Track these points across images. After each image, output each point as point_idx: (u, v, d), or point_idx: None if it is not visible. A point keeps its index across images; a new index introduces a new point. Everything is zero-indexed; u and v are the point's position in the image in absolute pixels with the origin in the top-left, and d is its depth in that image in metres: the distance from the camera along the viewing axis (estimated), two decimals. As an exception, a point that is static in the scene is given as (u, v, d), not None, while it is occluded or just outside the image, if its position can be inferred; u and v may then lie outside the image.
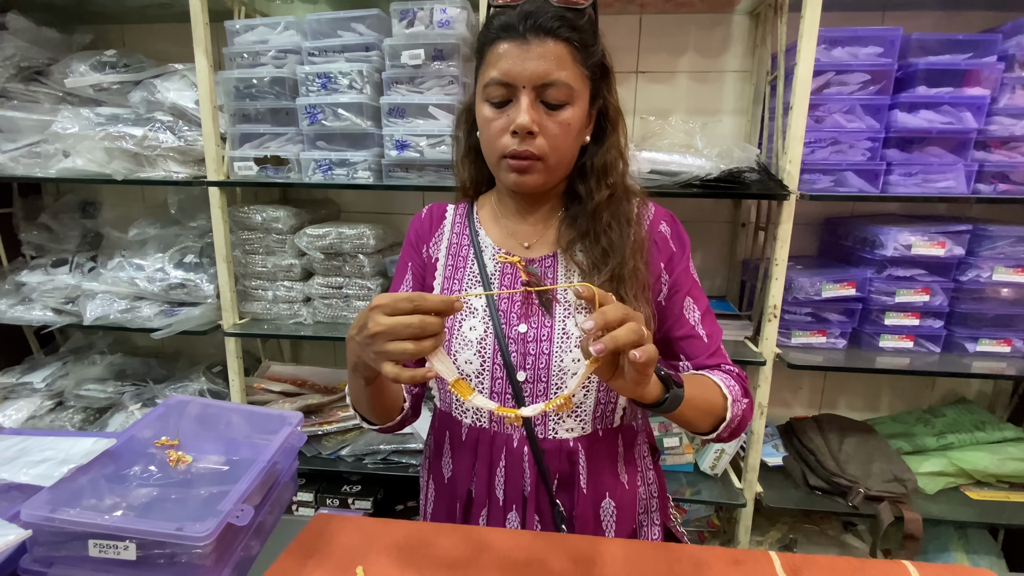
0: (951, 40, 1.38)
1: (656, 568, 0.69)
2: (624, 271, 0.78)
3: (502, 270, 0.84)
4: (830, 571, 0.69)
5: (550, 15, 0.71)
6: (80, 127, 1.52)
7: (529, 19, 0.71)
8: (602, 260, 0.79)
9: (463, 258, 0.87)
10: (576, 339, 0.78)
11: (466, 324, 0.81)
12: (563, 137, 0.75)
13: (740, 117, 1.71)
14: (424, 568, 0.68)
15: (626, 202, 0.83)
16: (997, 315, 1.49)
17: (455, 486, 0.85)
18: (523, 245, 0.85)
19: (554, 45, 0.71)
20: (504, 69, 0.72)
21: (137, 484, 0.71)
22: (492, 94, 0.74)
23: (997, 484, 1.58)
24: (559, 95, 0.73)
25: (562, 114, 0.74)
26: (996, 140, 1.40)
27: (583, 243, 0.81)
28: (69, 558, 0.62)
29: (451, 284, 0.86)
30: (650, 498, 0.89)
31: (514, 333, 0.79)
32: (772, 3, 1.50)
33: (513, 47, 0.72)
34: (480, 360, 0.80)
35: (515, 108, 0.73)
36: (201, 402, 0.86)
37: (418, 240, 0.91)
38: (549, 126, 0.74)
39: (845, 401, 1.86)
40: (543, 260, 0.84)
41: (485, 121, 0.77)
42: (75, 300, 1.69)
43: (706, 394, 0.76)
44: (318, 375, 1.81)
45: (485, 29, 0.77)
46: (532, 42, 0.71)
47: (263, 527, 0.76)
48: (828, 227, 1.75)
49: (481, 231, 0.88)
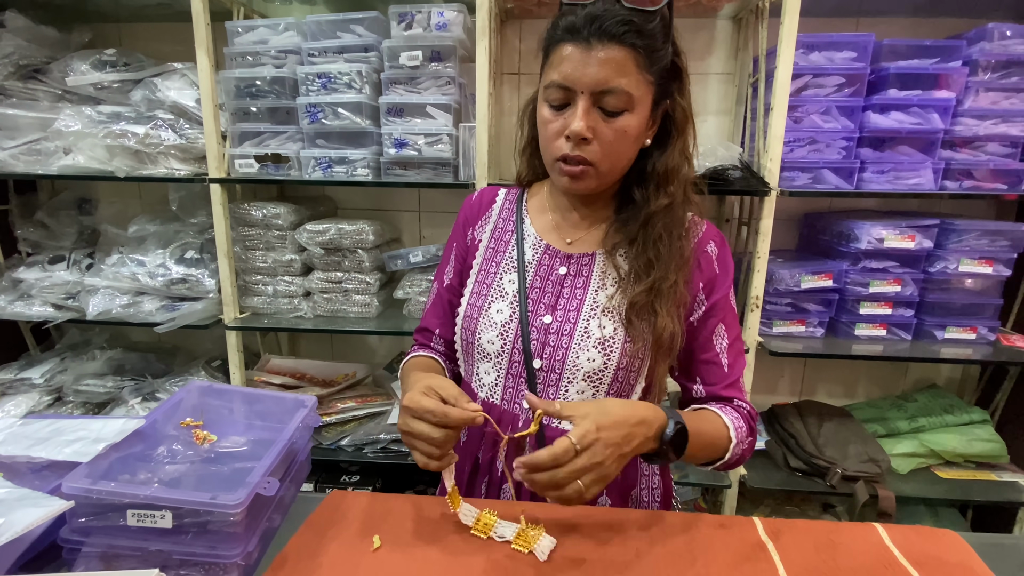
0: (920, 46, 1.47)
1: (648, 531, 0.75)
2: (664, 285, 0.77)
3: (539, 260, 0.86)
4: (807, 533, 0.76)
5: (617, 20, 0.70)
6: (82, 125, 1.55)
7: (595, 23, 0.70)
8: (645, 271, 0.79)
9: (505, 243, 0.89)
10: (595, 340, 0.80)
11: (494, 306, 0.84)
12: (617, 144, 0.75)
13: (724, 117, 1.79)
14: (438, 536, 0.73)
15: (682, 212, 0.81)
16: (964, 304, 1.58)
17: (464, 453, 0.90)
18: (566, 240, 0.86)
19: (617, 51, 0.70)
20: (564, 73, 0.72)
21: (166, 461, 0.75)
22: (551, 96, 0.75)
23: (965, 464, 1.68)
24: (617, 103, 0.72)
25: (619, 121, 0.74)
26: (961, 140, 1.49)
27: (630, 250, 0.81)
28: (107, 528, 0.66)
29: (488, 267, 0.88)
30: (652, 501, 0.91)
31: (539, 322, 0.82)
32: (754, 9, 1.58)
33: (576, 51, 0.71)
34: (501, 342, 0.83)
35: (572, 113, 0.73)
36: (220, 387, 0.91)
37: (466, 222, 0.93)
38: (604, 132, 0.74)
39: (824, 388, 1.95)
40: (582, 258, 0.85)
41: (543, 122, 0.77)
42: (75, 296, 1.72)
43: (710, 442, 0.78)
44: (317, 368, 1.85)
45: (552, 28, 0.76)
46: (595, 47, 0.70)
47: (283, 502, 0.81)
48: (807, 222, 1.83)
49: (527, 219, 0.89)
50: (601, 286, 0.83)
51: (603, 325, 0.80)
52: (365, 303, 1.68)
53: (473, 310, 0.86)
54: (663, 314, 0.77)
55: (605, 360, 0.80)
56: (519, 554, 0.69)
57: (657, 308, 0.78)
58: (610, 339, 0.80)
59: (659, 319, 0.78)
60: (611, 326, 0.80)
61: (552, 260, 0.86)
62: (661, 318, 0.77)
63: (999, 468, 1.67)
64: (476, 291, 0.88)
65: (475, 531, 0.72)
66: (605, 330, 0.80)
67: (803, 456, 1.62)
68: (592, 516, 0.78)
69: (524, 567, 0.67)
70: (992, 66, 1.44)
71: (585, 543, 0.72)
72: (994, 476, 1.64)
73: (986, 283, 1.57)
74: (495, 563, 0.68)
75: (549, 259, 0.86)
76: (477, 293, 0.87)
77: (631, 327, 0.79)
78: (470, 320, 0.86)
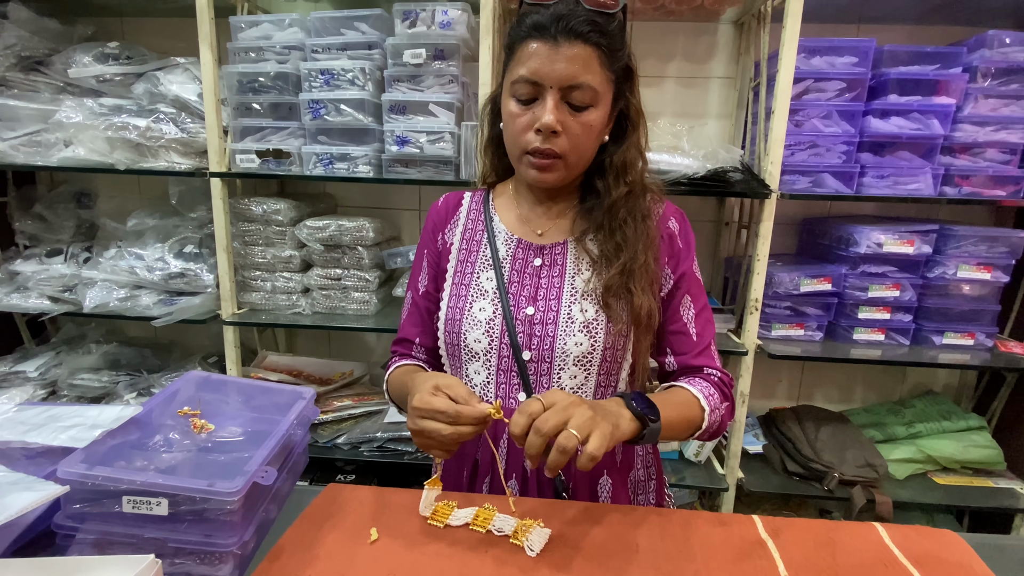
0: (920, 52, 1.48)
1: (648, 528, 0.74)
2: (635, 265, 0.81)
3: (513, 255, 0.88)
4: (807, 531, 0.75)
5: (581, 19, 0.73)
6: (84, 117, 1.54)
7: (561, 21, 0.73)
8: (615, 254, 0.82)
9: (477, 242, 0.90)
10: (580, 324, 0.82)
11: (476, 305, 0.85)
12: (584, 137, 0.78)
13: (725, 121, 1.80)
14: (436, 529, 0.73)
15: (642, 198, 0.85)
16: (962, 310, 1.59)
17: (463, 453, 0.90)
18: (536, 232, 0.88)
19: (583, 49, 0.74)
20: (533, 68, 0.75)
21: (163, 449, 0.75)
22: (519, 91, 0.77)
23: (961, 470, 1.68)
24: (584, 97, 0.76)
25: (585, 115, 0.77)
26: (961, 146, 1.50)
27: (597, 235, 0.84)
28: (102, 515, 0.65)
29: (463, 267, 0.90)
30: (648, 480, 0.93)
31: (522, 315, 0.83)
32: (755, 14, 1.59)
33: (543, 47, 0.74)
34: (488, 340, 0.84)
35: (541, 107, 0.76)
36: (218, 378, 0.90)
37: (434, 228, 0.94)
38: (572, 126, 0.77)
39: (821, 393, 1.95)
40: (554, 247, 0.87)
41: (510, 116, 0.79)
42: (72, 289, 1.71)
43: (684, 413, 0.79)
44: (314, 366, 1.84)
45: (517, 26, 0.78)
46: (562, 44, 0.73)
47: (280, 493, 0.80)
48: (806, 226, 1.84)
49: (496, 217, 0.91)
50: (577, 271, 0.85)
51: (585, 309, 0.82)
52: (364, 300, 1.68)
53: (455, 312, 0.86)
54: (638, 292, 0.80)
55: (592, 342, 0.82)
56: (518, 547, 0.69)
57: (632, 288, 0.80)
58: (593, 321, 0.82)
59: (635, 298, 0.80)
60: (592, 309, 0.82)
61: (526, 253, 0.87)
62: (637, 297, 0.80)
63: (995, 475, 1.67)
64: (455, 292, 0.88)
65: (474, 526, 0.72)
66: (587, 313, 0.82)
67: (800, 460, 1.62)
68: (591, 511, 0.78)
69: (523, 560, 0.67)
70: (992, 73, 1.45)
71: (584, 538, 0.71)
72: (991, 483, 1.64)
73: (984, 289, 1.58)
74: (494, 557, 0.67)
75: (523, 252, 0.87)
76: (456, 295, 0.88)
77: (609, 309, 0.81)
78: (453, 322, 0.86)
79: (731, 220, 1.82)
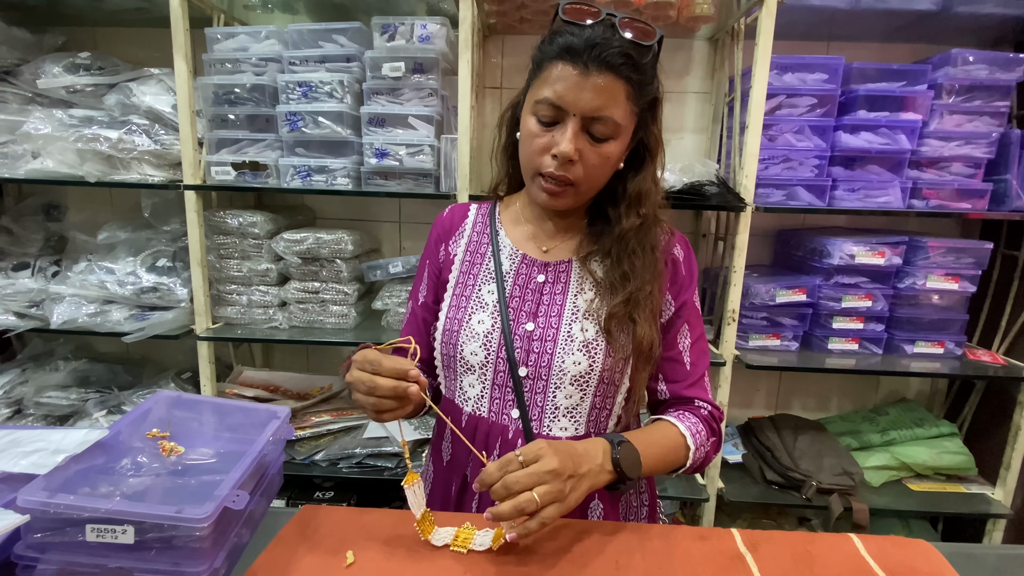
0: (888, 69, 1.53)
1: (628, 544, 0.74)
2: (640, 296, 0.80)
3: (517, 270, 0.86)
4: (784, 544, 0.76)
5: (616, 50, 0.71)
6: (53, 128, 1.51)
7: (595, 50, 0.71)
8: (621, 283, 0.81)
9: (481, 255, 0.89)
10: (579, 343, 0.81)
11: (475, 317, 0.84)
12: (600, 168, 0.77)
13: (701, 135, 1.83)
14: (413, 551, 0.71)
15: (654, 230, 0.83)
16: (931, 320, 1.63)
17: (452, 470, 0.89)
18: (542, 249, 0.88)
19: (613, 81, 0.72)
20: (559, 93, 0.73)
21: (130, 473, 0.72)
22: (541, 111, 0.75)
23: (935, 476, 1.71)
24: (605, 130, 0.74)
25: (604, 147, 0.76)
26: (927, 160, 1.55)
27: (604, 261, 0.83)
28: (64, 544, 0.63)
29: (466, 279, 0.89)
30: (640, 506, 0.92)
31: (521, 330, 0.82)
32: (729, 31, 1.62)
33: (572, 73, 0.72)
34: (485, 353, 0.83)
35: (561, 132, 0.74)
36: (189, 398, 0.88)
37: (438, 239, 0.94)
38: (589, 156, 0.76)
39: (798, 402, 1.98)
40: (559, 265, 0.86)
41: (529, 134, 0.78)
42: (39, 304, 1.66)
43: (666, 455, 0.80)
44: (291, 381, 1.81)
45: (548, 42, 0.76)
46: (592, 73, 0.71)
47: (253, 516, 0.78)
48: (781, 238, 1.87)
49: (502, 231, 0.90)
50: (580, 291, 0.84)
51: (585, 328, 0.81)
52: (342, 314, 1.66)
53: (453, 323, 0.85)
54: (642, 322, 0.80)
55: (591, 363, 0.80)
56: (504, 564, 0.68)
57: (635, 317, 0.80)
58: (593, 342, 0.81)
59: (638, 328, 0.80)
60: (593, 329, 0.81)
61: (530, 269, 0.86)
62: (640, 327, 0.79)
63: (968, 480, 1.70)
64: (455, 304, 0.87)
65: (455, 547, 0.71)
66: (588, 333, 0.81)
67: (779, 469, 1.64)
68: (573, 528, 0.77)
69: (503, 580, 0.66)
70: (956, 90, 1.50)
71: (565, 555, 0.71)
72: (963, 488, 1.67)
73: (952, 299, 1.62)
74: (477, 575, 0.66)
75: (527, 268, 0.87)
76: (456, 306, 0.87)
77: (611, 337, 0.80)
78: (451, 333, 0.85)
79: (708, 232, 1.84)
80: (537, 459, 0.66)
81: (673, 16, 1.54)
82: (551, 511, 0.65)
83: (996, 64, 1.48)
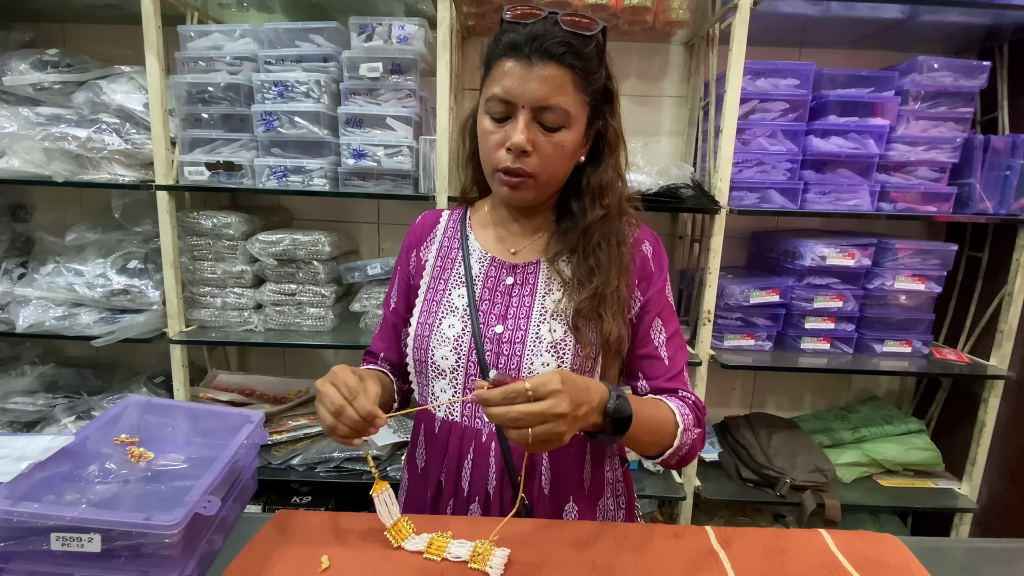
0: (857, 75, 1.57)
1: (604, 543, 0.75)
2: (607, 290, 0.80)
3: (486, 273, 0.87)
4: (757, 540, 0.78)
5: (556, 40, 0.73)
6: (19, 126, 1.46)
7: (536, 41, 0.73)
8: (587, 277, 0.81)
9: (451, 260, 0.90)
10: (547, 344, 0.81)
11: (445, 322, 0.85)
12: (555, 158, 0.79)
13: (677, 138, 1.85)
14: (390, 556, 0.71)
15: (618, 221, 0.85)
16: (899, 319, 1.67)
17: (427, 477, 0.88)
18: (510, 251, 0.89)
19: (556, 70, 0.74)
20: (506, 87, 0.75)
21: (97, 480, 0.71)
22: (493, 109, 0.78)
23: (904, 472, 1.76)
24: (555, 119, 0.76)
25: (557, 136, 0.77)
26: (895, 164, 1.59)
27: (571, 258, 0.84)
28: (29, 553, 0.61)
29: (437, 284, 0.89)
30: (617, 508, 0.92)
31: (491, 333, 0.83)
32: (705, 36, 1.65)
33: (517, 67, 0.74)
34: (456, 357, 0.83)
35: (513, 126, 0.76)
36: (160, 402, 0.86)
37: (409, 246, 0.95)
38: (543, 146, 0.77)
39: (773, 401, 2.02)
40: (527, 267, 0.87)
41: (484, 133, 0.80)
42: (5, 307, 1.61)
43: (658, 415, 0.78)
44: (267, 384, 1.79)
45: (494, 44, 0.79)
46: (536, 65, 0.74)
47: (225, 522, 0.77)
48: (755, 240, 1.91)
49: (471, 235, 0.91)
50: (548, 292, 0.85)
51: (553, 329, 0.82)
52: (320, 316, 1.64)
53: (424, 328, 0.86)
54: (608, 318, 0.80)
55: (559, 363, 0.81)
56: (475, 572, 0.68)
57: (602, 313, 0.80)
58: (561, 342, 0.81)
59: (604, 323, 0.80)
60: (561, 329, 0.82)
61: (499, 271, 0.87)
62: (607, 322, 0.80)
63: (935, 476, 1.75)
64: (426, 308, 0.88)
65: (428, 555, 0.71)
66: (556, 334, 0.82)
67: (754, 467, 1.67)
68: (549, 529, 0.78)
69: (478, 583, 0.66)
70: (922, 96, 1.55)
71: (542, 556, 0.71)
72: (931, 484, 1.72)
73: (919, 299, 1.67)
74: (449, 580, 0.66)
75: (496, 271, 0.87)
76: (427, 311, 0.87)
77: (579, 332, 0.81)
78: (422, 338, 0.85)
79: (684, 234, 1.87)
80: (547, 396, 0.63)
81: (649, 21, 1.56)
82: (538, 448, 0.65)
83: (960, 71, 1.53)
